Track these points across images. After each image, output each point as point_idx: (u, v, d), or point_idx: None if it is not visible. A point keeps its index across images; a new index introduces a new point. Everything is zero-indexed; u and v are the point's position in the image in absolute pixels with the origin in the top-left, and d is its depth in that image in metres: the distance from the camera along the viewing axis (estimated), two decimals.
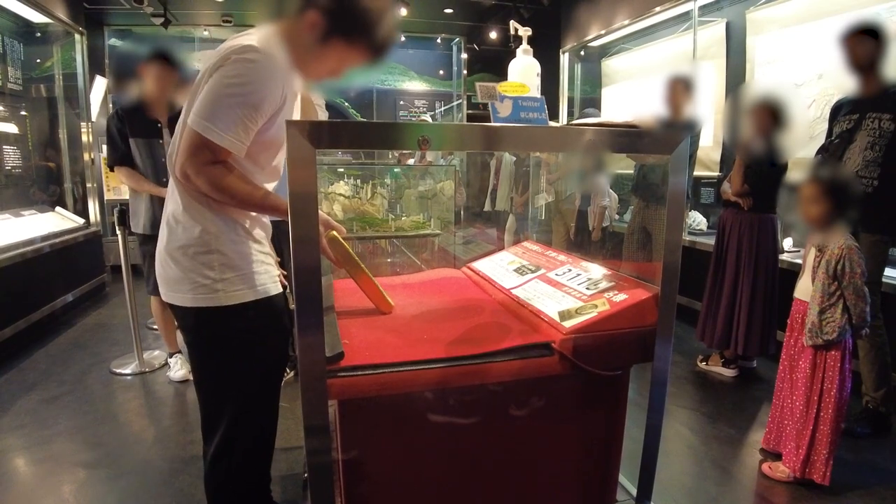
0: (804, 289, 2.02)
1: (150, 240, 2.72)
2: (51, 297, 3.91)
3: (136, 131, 2.74)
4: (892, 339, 2.34)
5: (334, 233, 1.29)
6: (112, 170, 2.85)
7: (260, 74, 1.08)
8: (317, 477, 1.05)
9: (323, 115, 2.23)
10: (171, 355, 3.04)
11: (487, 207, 5.79)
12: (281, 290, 1.32)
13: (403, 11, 5.88)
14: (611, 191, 4.36)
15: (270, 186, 1.30)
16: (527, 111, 1.17)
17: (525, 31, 1.37)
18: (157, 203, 2.73)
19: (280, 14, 1.15)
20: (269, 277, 1.27)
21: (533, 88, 1.32)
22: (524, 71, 1.35)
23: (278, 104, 1.16)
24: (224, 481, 1.34)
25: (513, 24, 1.41)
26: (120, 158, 2.74)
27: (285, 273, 1.38)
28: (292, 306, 0.96)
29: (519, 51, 1.37)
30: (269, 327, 1.28)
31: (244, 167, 1.19)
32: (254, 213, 1.26)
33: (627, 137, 1.11)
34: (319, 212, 1.29)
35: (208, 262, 1.18)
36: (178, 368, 2.98)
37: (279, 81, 1.13)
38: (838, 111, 2.49)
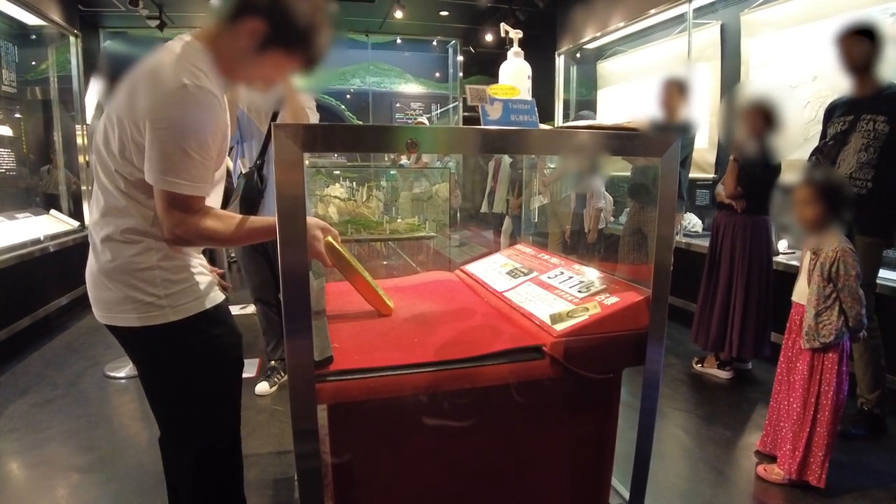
0: (801, 292, 2.02)
1: None
2: (45, 300, 3.89)
3: None
4: (886, 341, 2.34)
5: (330, 238, 1.29)
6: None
7: (200, 111, 1.06)
8: (306, 481, 1.04)
9: (314, 118, 2.23)
10: None
11: (484, 209, 5.79)
12: (224, 297, 1.31)
13: (399, 14, 5.89)
14: (606, 193, 4.36)
15: (216, 198, 1.28)
16: (517, 114, 1.17)
17: (516, 34, 1.37)
18: None
19: (220, 18, 1.12)
20: (210, 287, 1.26)
21: (524, 91, 1.31)
22: (515, 73, 1.34)
23: (224, 131, 1.15)
24: (206, 486, 1.33)
25: (503, 26, 1.40)
26: None
27: (227, 285, 1.37)
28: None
29: (510, 53, 1.36)
30: (221, 335, 1.27)
31: None
32: None
33: (617, 140, 1.11)
34: (316, 219, 1.29)
35: (150, 278, 1.14)
36: None
37: (218, 109, 1.10)
38: (832, 112, 2.48)
